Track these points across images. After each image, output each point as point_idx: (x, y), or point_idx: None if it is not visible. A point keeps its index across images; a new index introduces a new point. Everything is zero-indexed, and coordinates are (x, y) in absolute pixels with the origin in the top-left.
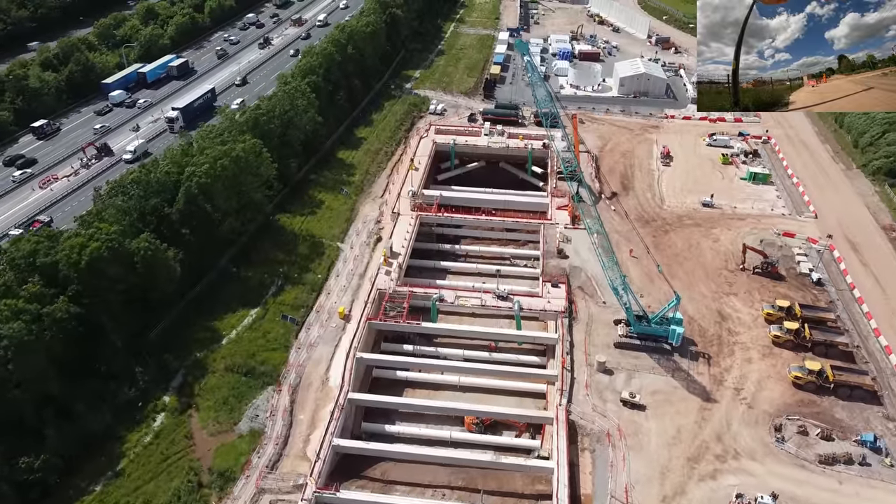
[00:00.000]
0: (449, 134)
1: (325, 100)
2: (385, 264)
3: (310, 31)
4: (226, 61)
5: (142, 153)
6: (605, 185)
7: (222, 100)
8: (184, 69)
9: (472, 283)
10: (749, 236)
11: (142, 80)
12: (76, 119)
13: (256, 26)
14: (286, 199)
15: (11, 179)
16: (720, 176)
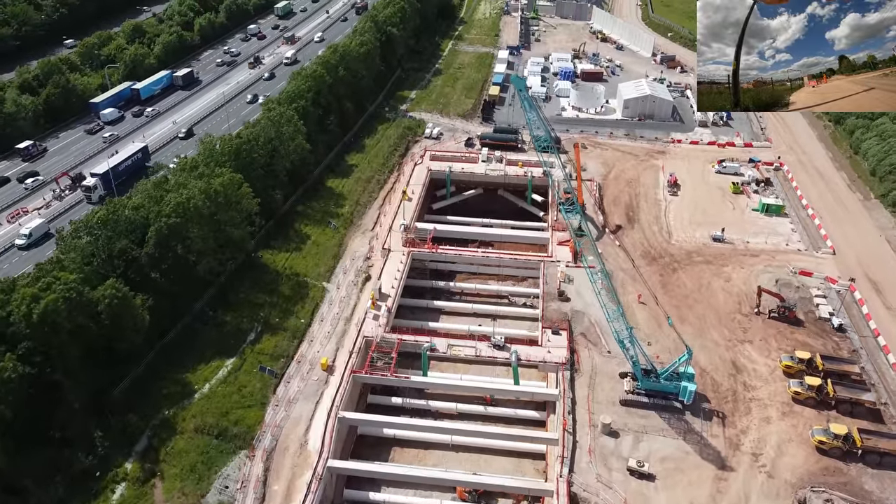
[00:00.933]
0: (445, 160)
1: (314, 125)
2: (373, 308)
3: (297, 55)
4: (227, 73)
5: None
6: (609, 217)
7: (162, 155)
8: (189, 79)
9: (468, 325)
10: (763, 275)
11: (135, 97)
12: (65, 139)
13: (258, 38)
14: (270, 233)
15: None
16: (731, 207)
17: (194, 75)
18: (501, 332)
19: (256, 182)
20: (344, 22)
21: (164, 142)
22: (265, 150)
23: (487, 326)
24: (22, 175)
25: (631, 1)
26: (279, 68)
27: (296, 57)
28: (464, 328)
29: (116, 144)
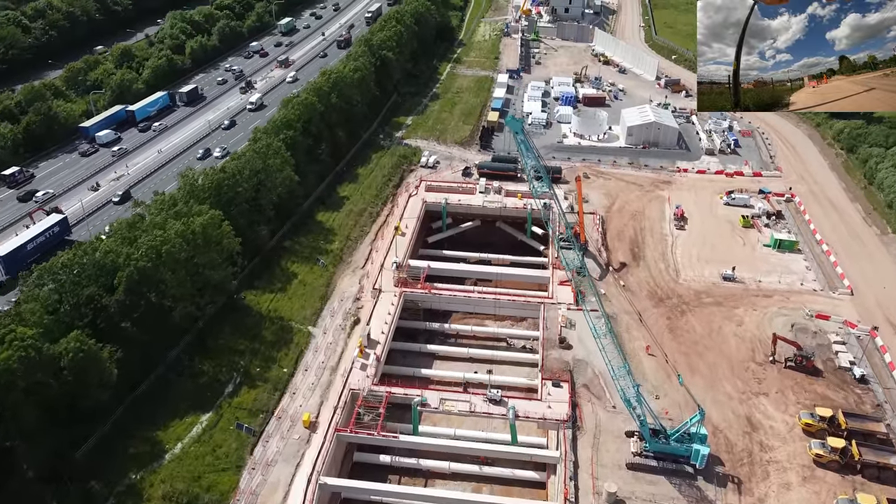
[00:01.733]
0: (441, 191)
1: (303, 156)
2: (360, 356)
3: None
4: (217, 99)
5: None
6: (613, 253)
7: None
8: (193, 96)
9: (463, 371)
10: (777, 318)
11: (130, 119)
12: (54, 164)
13: (260, 55)
14: (255, 271)
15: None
16: (741, 242)
17: (198, 92)
18: (498, 381)
19: (241, 217)
20: (323, 58)
21: (96, 206)
22: (250, 183)
23: (483, 374)
24: (23, 194)
25: (633, 22)
26: (241, 115)
27: (262, 101)
28: (458, 375)
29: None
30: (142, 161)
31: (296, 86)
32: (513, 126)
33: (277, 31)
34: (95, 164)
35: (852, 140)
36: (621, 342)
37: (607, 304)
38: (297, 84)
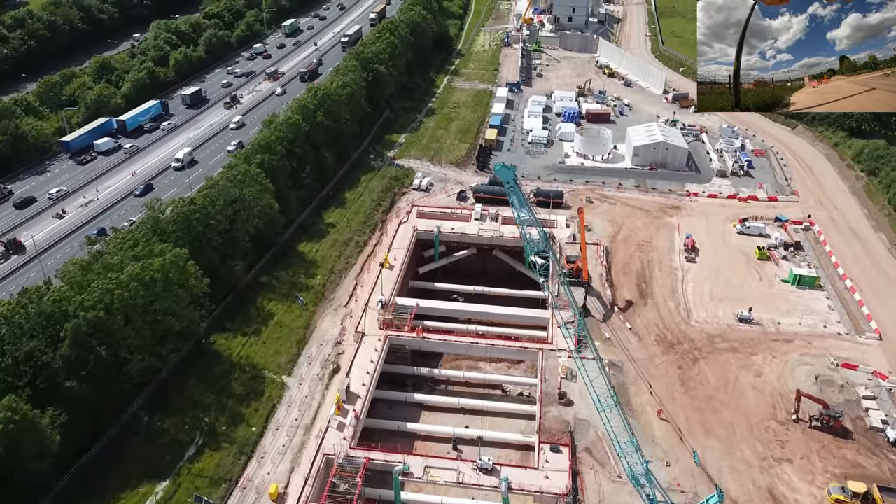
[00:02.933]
0: (433, 218)
1: (285, 180)
2: (338, 413)
3: (244, 119)
4: (197, 116)
5: None
6: (618, 290)
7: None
8: (196, 98)
9: (453, 424)
10: (799, 368)
11: (121, 128)
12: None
13: (263, 57)
14: (228, 311)
15: None
16: (757, 276)
17: (202, 94)
18: (491, 437)
19: (212, 252)
20: (281, 96)
21: (62, 235)
22: (224, 214)
23: (475, 428)
24: (18, 201)
25: (639, 32)
26: (223, 134)
27: (243, 121)
28: (447, 430)
29: None
30: (113, 185)
31: (284, 99)
32: (503, 176)
33: (281, 31)
34: (97, 168)
35: (873, 161)
36: (627, 396)
37: (612, 351)
38: (287, 97)
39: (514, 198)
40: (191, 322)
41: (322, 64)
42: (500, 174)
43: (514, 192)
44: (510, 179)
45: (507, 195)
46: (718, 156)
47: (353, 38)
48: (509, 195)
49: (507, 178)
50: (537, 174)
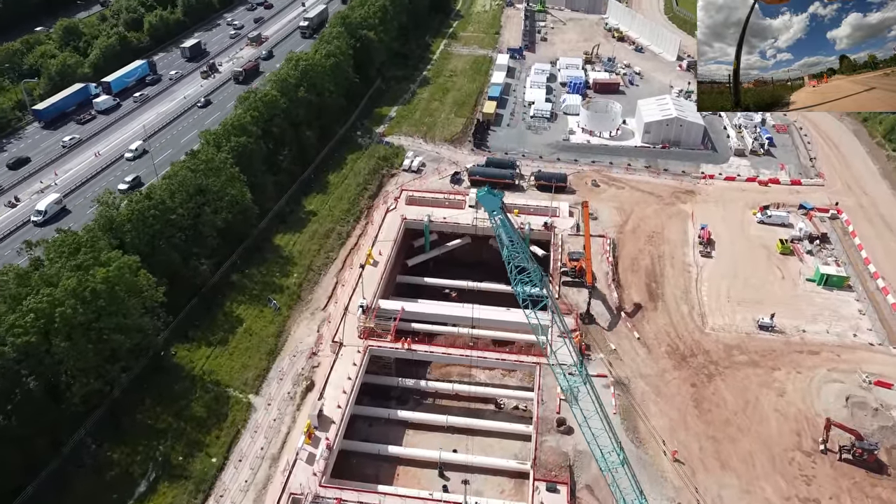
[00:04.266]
0: (424, 204)
1: (260, 164)
2: (308, 442)
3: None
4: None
5: None
6: (625, 290)
7: None
8: (196, 51)
9: (439, 446)
10: (827, 386)
11: (106, 91)
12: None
13: (265, 6)
14: (192, 316)
15: None
16: (779, 274)
17: (202, 47)
18: (481, 463)
19: (173, 252)
20: (203, 108)
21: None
22: (187, 208)
23: (464, 452)
24: (12, 161)
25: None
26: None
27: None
28: (433, 455)
29: None
30: (75, 167)
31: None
32: (487, 204)
33: None
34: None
35: None
36: (634, 421)
37: (619, 366)
38: (271, 64)
39: (500, 232)
40: (145, 336)
41: (273, 56)
42: (483, 202)
43: (502, 226)
44: (496, 208)
45: (494, 229)
46: (737, 132)
47: (316, 21)
48: (495, 230)
49: (491, 207)
50: (539, 153)
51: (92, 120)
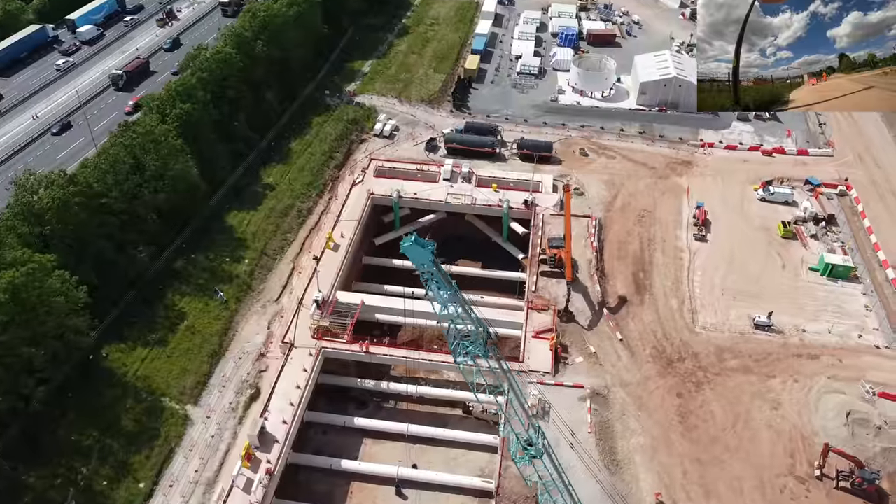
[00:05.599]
0: (394, 177)
1: (209, 134)
2: (247, 465)
3: None
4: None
5: None
6: (610, 280)
7: None
8: None
9: (398, 459)
10: (826, 398)
11: (71, 29)
12: None
13: None
14: (129, 311)
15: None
16: (779, 263)
17: None
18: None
19: (105, 240)
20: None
21: None
22: (121, 190)
23: (425, 467)
24: None
25: None
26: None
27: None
28: (391, 470)
29: None
30: (11, 129)
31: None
32: (415, 258)
33: None
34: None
35: None
36: (612, 439)
37: (598, 372)
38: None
39: (433, 286)
40: (64, 345)
41: (180, 45)
42: (409, 254)
43: (433, 280)
44: (425, 261)
45: (425, 282)
46: None
47: None
48: (427, 284)
49: (420, 260)
50: (524, 116)
51: (77, 51)
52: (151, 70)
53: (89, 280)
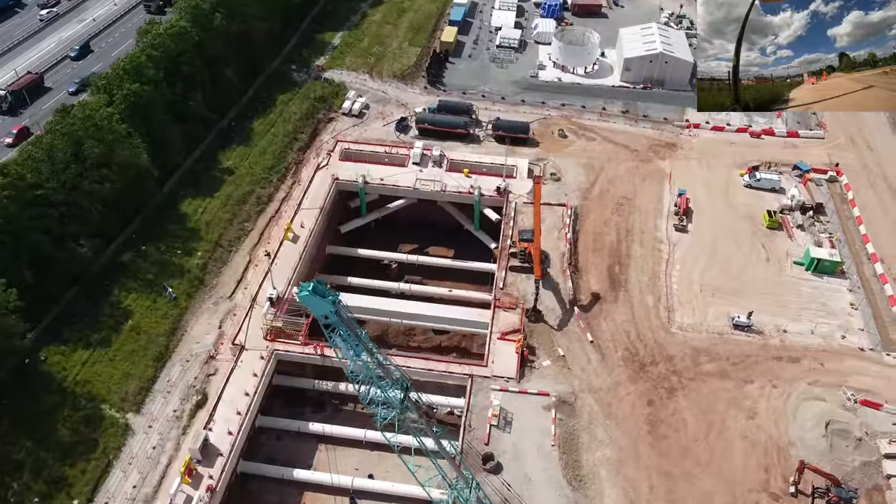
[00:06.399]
0: (361, 160)
1: (161, 115)
2: (187, 481)
3: None
4: None
5: None
6: (583, 277)
7: None
8: None
9: (352, 472)
10: (805, 405)
11: None
12: None
13: None
14: (71, 310)
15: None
16: (763, 255)
17: None
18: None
19: (42, 234)
20: None
21: None
22: (59, 180)
23: (381, 477)
24: None
25: None
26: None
27: None
28: (345, 481)
29: None
30: None
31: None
32: (316, 309)
33: None
34: None
35: None
36: (576, 452)
37: (566, 377)
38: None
39: (337, 343)
40: None
41: (90, 52)
42: (308, 304)
43: (339, 339)
44: (326, 312)
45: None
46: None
47: None
48: (330, 338)
49: (320, 312)
50: (502, 93)
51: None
52: (46, 86)
53: (23, 278)
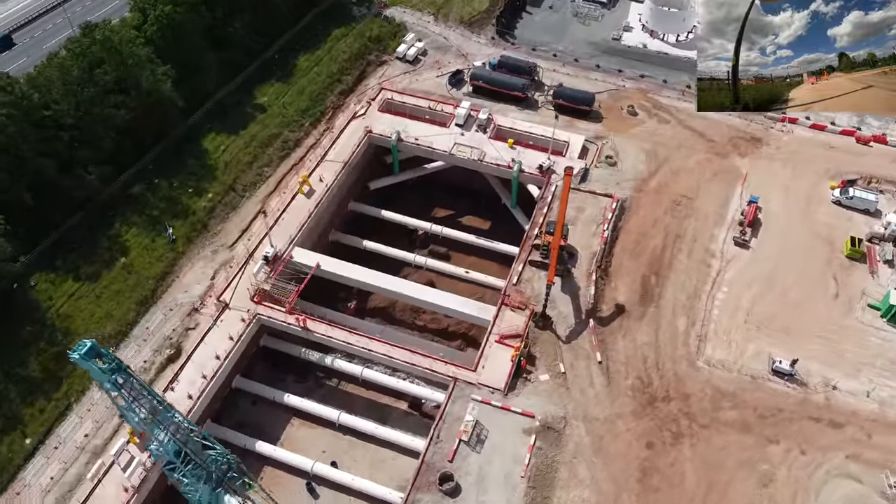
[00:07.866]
0: (401, 114)
1: (198, 40)
2: (135, 441)
3: None
4: None
5: None
6: (611, 284)
7: None
8: None
9: (322, 449)
10: (833, 484)
11: None
12: None
13: None
14: (68, 237)
15: None
16: (832, 291)
17: None
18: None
19: (46, 158)
20: None
21: None
22: (69, 103)
23: (342, 470)
24: None
25: None
26: None
27: None
28: (306, 464)
29: None
30: None
31: None
32: (93, 374)
33: None
34: None
35: None
36: (552, 488)
37: (561, 398)
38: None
39: (127, 417)
40: None
41: (14, 44)
42: (86, 368)
43: (126, 410)
44: (105, 381)
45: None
46: None
47: None
48: (120, 407)
49: (99, 380)
50: (576, 54)
51: None
52: None
53: (22, 201)
